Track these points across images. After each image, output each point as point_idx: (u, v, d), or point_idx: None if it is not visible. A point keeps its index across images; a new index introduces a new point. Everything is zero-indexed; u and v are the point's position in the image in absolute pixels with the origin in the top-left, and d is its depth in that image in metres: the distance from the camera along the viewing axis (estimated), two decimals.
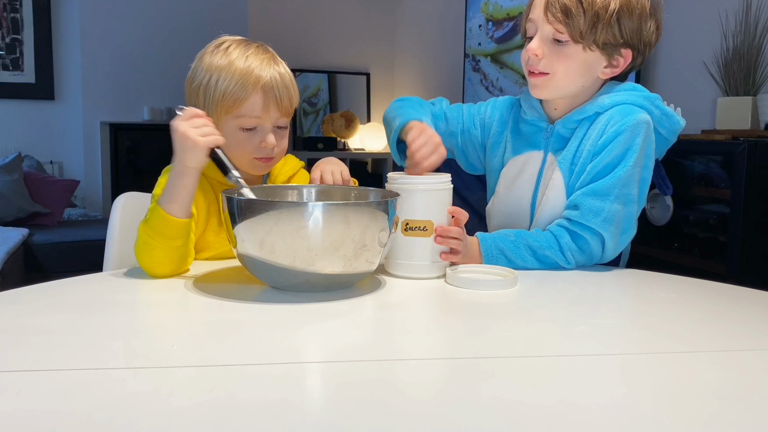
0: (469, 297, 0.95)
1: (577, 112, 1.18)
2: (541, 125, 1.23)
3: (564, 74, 1.15)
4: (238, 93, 1.11)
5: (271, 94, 1.13)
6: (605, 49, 1.14)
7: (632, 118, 1.11)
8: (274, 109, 1.14)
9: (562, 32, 1.12)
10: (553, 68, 1.14)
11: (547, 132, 1.22)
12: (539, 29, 1.14)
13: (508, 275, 1.02)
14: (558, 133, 1.20)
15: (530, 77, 1.17)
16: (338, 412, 0.56)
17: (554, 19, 1.11)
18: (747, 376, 0.67)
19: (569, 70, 1.14)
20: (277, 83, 1.13)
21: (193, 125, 1.01)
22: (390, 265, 1.06)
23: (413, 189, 1.03)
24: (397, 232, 1.02)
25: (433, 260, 1.04)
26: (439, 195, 1.05)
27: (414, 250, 1.04)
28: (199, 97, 1.14)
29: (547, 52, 1.14)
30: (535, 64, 1.15)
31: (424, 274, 1.04)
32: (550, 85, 1.16)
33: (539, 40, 1.14)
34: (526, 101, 1.25)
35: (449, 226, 1.05)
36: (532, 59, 1.15)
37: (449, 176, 1.06)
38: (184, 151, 1.00)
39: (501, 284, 0.99)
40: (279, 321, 0.82)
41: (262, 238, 0.87)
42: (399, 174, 1.06)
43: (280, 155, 1.21)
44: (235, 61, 1.12)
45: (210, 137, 1.01)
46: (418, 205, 1.03)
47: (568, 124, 1.19)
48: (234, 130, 1.13)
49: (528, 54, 1.15)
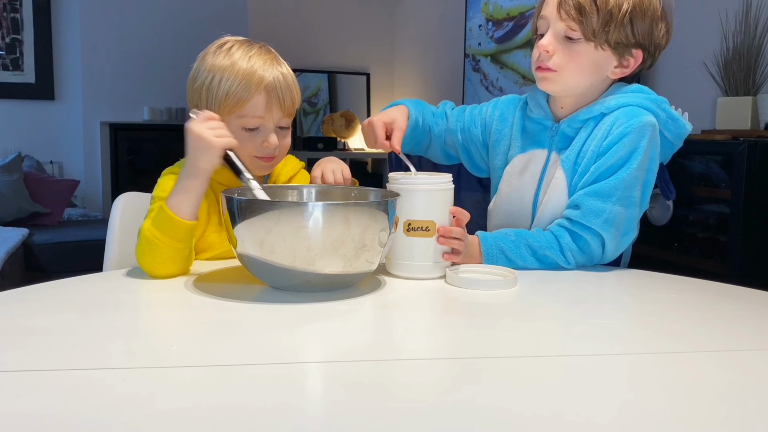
0: (470, 297, 0.95)
1: (583, 112, 1.17)
2: (546, 124, 1.23)
3: (573, 71, 1.15)
4: (241, 93, 1.11)
5: (274, 94, 1.13)
6: (617, 48, 1.13)
7: (638, 120, 1.11)
8: (277, 109, 1.14)
9: (574, 29, 1.12)
10: (563, 65, 1.14)
11: (552, 131, 1.22)
12: (551, 26, 1.14)
13: (508, 275, 1.02)
14: (563, 132, 1.20)
15: (538, 71, 1.17)
16: (338, 413, 0.56)
17: (567, 16, 1.11)
18: (749, 376, 0.67)
19: (579, 68, 1.15)
20: (280, 84, 1.14)
21: (208, 127, 1.01)
22: (391, 265, 1.06)
23: (415, 189, 1.02)
24: (398, 233, 1.02)
25: (435, 260, 1.04)
26: (441, 195, 1.04)
27: (416, 251, 1.03)
28: (202, 98, 1.13)
29: (558, 49, 1.14)
30: (545, 60, 1.15)
31: (425, 274, 1.04)
32: (558, 80, 1.16)
33: (551, 37, 1.14)
34: (533, 99, 1.25)
35: (451, 227, 1.05)
36: (543, 55, 1.15)
37: (450, 176, 1.06)
38: (198, 152, 1.01)
39: (501, 284, 0.99)
40: (279, 321, 0.82)
41: (262, 238, 0.87)
42: (401, 174, 1.06)
43: (282, 155, 1.21)
44: (238, 61, 1.12)
45: (224, 139, 1.02)
46: (420, 206, 1.02)
47: (574, 124, 1.19)
48: (236, 130, 1.12)
49: (539, 50, 1.15)
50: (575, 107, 1.19)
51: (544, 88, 1.19)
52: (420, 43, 4.92)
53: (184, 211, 1.00)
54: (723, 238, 2.07)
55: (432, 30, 4.77)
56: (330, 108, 5.06)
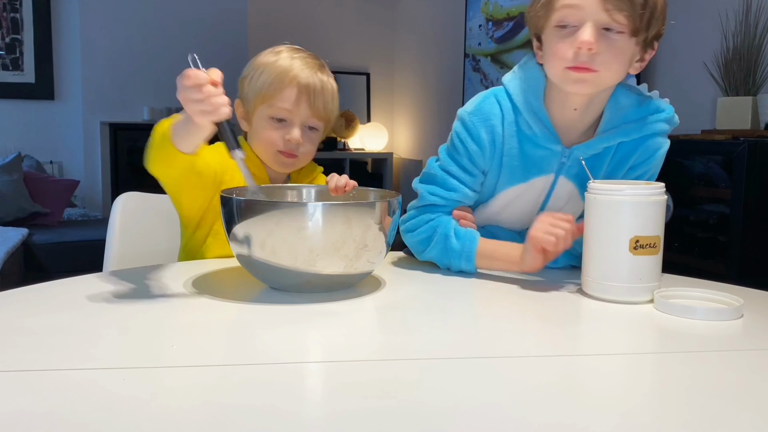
0: (471, 298, 0.95)
1: (602, 139, 1.07)
2: (554, 149, 1.08)
3: (616, 70, 1.01)
4: (275, 85, 1.17)
5: (305, 91, 1.18)
6: (647, 43, 1.03)
7: (661, 153, 1.10)
8: (305, 106, 1.18)
9: (622, 23, 0.97)
10: (608, 63, 0.99)
11: (563, 156, 1.08)
12: (588, 17, 0.97)
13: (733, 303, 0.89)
14: (576, 159, 1.08)
15: (575, 71, 1.00)
16: (339, 413, 0.56)
17: (615, 7, 0.96)
18: (750, 376, 0.67)
19: (621, 66, 1.01)
20: (315, 85, 1.18)
21: (193, 98, 0.87)
22: (603, 288, 0.93)
23: (646, 201, 0.90)
24: (618, 251, 0.91)
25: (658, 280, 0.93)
26: (663, 207, 0.93)
27: (643, 271, 0.91)
28: (243, 89, 1.22)
29: (599, 45, 0.98)
30: (590, 60, 0.98)
31: (647, 296, 0.92)
32: (597, 81, 1.01)
33: (594, 31, 0.97)
34: (531, 112, 1.07)
35: None
36: (585, 54, 0.98)
37: (663, 185, 0.94)
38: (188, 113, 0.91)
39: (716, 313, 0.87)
40: (279, 321, 0.82)
41: (262, 238, 0.87)
42: (602, 183, 0.94)
43: (305, 159, 1.24)
44: (281, 59, 1.19)
45: (206, 116, 0.89)
46: (651, 219, 0.91)
47: (590, 151, 1.08)
48: (265, 119, 1.19)
49: (583, 47, 0.97)
50: (592, 112, 1.08)
51: (578, 91, 1.03)
52: (420, 43, 4.92)
53: (175, 130, 0.99)
54: (723, 238, 2.08)
55: (432, 30, 4.77)
56: None
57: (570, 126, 1.08)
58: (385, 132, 5.00)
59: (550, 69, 1.04)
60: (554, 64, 1.02)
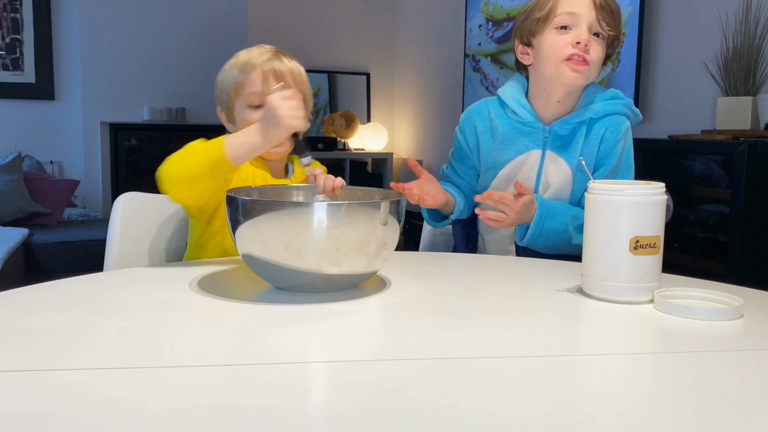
0: (473, 298, 0.95)
1: (575, 116, 1.35)
2: (536, 126, 1.37)
3: (598, 66, 1.33)
4: (240, 77, 1.25)
5: (270, 70, 1.24)
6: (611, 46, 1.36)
7: (623, 128, 1.35)
8: (274, 82, 1.22)
9: (606, 30, 1.30)
10: (595, 60, 1.30)
11: (545, 132, 1.37)
12: (584, 22, 1.28)
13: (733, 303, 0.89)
14: (556, 133, 1.36)
15: (574, 63, 1.29)
16: (342, 413, 0.56)
17: (602, 18, 1.29)
18: (750, 376, 0.67)
19: (600, 64, 1.34)
20: (278, 67, 1.25)
21: (286, 106, 1.05)
22: (603, 288, 0.93)
23: (646, 201, 0.91)
24: (618, 251, 0.91)
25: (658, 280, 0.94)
26: (663, 206, 0.94)
27: (644, 271, 0.92)
28: (219, 96, 1.29)
29: (591, 45, 1.29)
30: (585, 52, 1.29)
31: (646, 296, 0.92)
32: (587, 74, 1.31)
33: (588, 31, 1.29)
34: (515, 101, 1.38)
35: None
36: (582, 48, 1.28)
37: (663, 185, 0.95)
38: (269, 123, 1.05)
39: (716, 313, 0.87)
40: (282, 321, 0.82)
41: (266, 238, 0.87)
42: (602, 183, 0.95)
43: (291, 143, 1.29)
44: (240, 55, 1.27)
45: (296, 121, 1.06)
46: (650, 219, 0.91)
47: (566, 126, 1.35)
48: (244, 111, 1.25)
49: (581, 42, 1.27)
50: (561, 110, 1.36)
51: (573, 82, 1.31)
52: (420, 43, 4.92)
53: (234, 153, 1.05)
54: (723, 238, 2.07)
55: (432, 30, 4.77)
56: (330, 108, 5.06)
57: (551, 115, 1.37)
58: (385, 132, 5.00)
59: (546, 64, 1.32)
60: (552, 57, 1.30)
